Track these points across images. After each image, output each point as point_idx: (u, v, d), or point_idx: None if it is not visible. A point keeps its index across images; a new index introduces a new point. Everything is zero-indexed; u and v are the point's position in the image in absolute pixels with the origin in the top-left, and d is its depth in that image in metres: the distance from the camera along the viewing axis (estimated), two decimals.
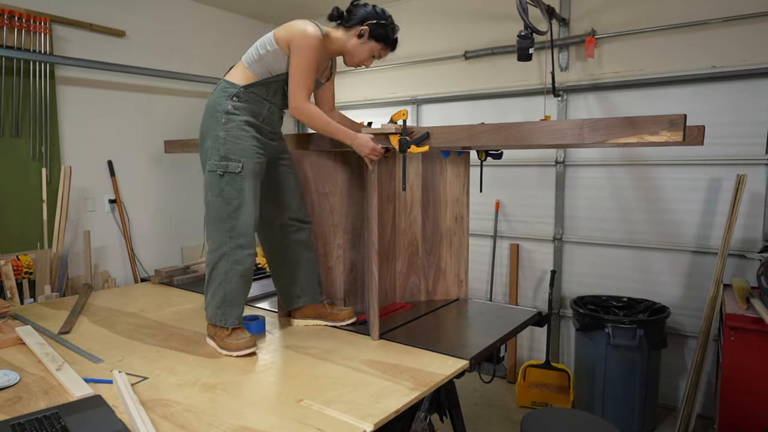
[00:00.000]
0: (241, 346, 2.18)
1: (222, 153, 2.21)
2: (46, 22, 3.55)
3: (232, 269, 2.23)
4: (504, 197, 4.37)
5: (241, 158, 2.21)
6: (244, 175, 2.21)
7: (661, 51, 3.61)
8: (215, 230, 2.24)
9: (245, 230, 2.22)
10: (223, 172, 2.20)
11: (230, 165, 2.20)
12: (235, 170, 2.20)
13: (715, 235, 3.53)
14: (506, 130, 2.00)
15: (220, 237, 2.23)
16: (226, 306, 2.24)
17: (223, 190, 2.21)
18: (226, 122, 2.22)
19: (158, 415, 1.66)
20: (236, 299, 2.26)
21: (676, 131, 1.65)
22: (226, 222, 2.21)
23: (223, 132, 2.22)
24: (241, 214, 2.21)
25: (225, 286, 2.23)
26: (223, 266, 2.23)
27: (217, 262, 2.23)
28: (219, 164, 2.21)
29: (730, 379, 2.87)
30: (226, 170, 2.20)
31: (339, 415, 1.64)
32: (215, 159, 2.22)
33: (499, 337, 2.35)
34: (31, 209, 3.62)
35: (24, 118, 3.56)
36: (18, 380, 1.92)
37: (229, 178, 2.20)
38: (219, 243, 2.23)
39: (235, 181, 2.20)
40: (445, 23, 4.51)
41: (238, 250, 2.22)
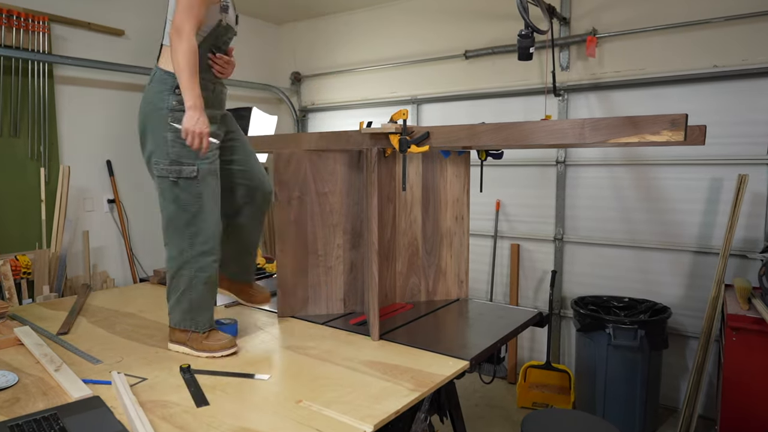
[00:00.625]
0: (225, 346, 2.13)
1: (172, 157, 1.99)
2: (45, 21, 3.55)
3: (195, 276, 2.10)
4: (504, 197, 4.36)
5: (194, 160, 2.00)
6: (201, 178, 2.02)
7: (663, 50, 3.60)
8: (174, 237, 2.09)
9: (208, 236, 2.08)
10: (177, 178, 2.00)
11: (184, 170, 1.99)
12: (191, 175, 2.00)
13: (716, 235, 3.52)
14: (507, 129, 2.00)
15: (180, 244, 2.08)
16: (195, 312, 2.14)
17: (179, 197, 2.02)
18: (173, 120, 1.99)
19: (157, 416, 1.65)
20: (204, 304, 2.16)
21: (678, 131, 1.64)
22: (185, 229, 2.06)
23: (170, 133, 1.99)
24: (201, 220, 2.05)
25: (190, 293, 2.12)
26: (186, 273, 2.10)
27: (180, 269, 2.10)
28: (170, 169, 2.00)
29: (732, 380, 2.86)
30: (179, 175, 1.99)
31: (339, 416, 1.63)
32: (164, 164, 2.01)
33: (499, 338, 2.34)
34: (30, 209, 3.60)
35: (22, 117, 3.55)
36: (16, 381, 1.90)
37: (183, 183, 2.01)
38: (180, 250, 2.09)
39: (192, 186, 2.02)
40: (445, 22, 4.50)
41: (201, 257, 2.09)
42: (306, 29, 5.39)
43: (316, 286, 2.71)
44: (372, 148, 2.32)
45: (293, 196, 2.61)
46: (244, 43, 5.17)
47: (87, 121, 3.94)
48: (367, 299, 2.49)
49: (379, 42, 4.90)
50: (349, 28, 5.08)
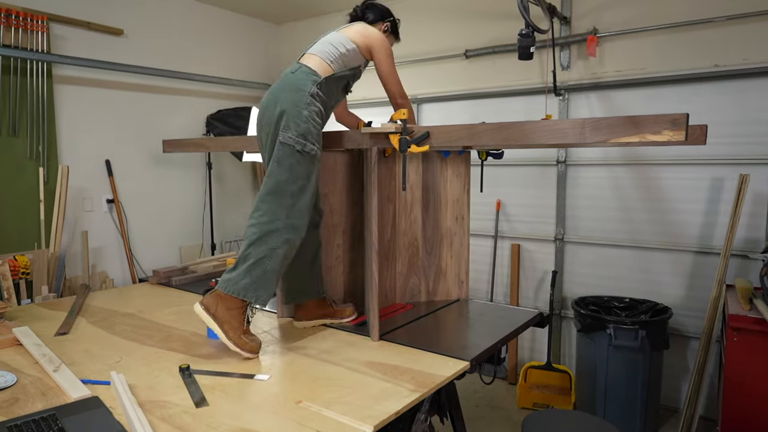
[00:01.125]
0: (254, 349, 2.12)
1: (302, 131, 2.16)
2: (44, 20, 3.54)
3: (281, 246, 2.11)
4: (505, 197, 4.35)
5: (316, 143, 2.20)
6: (317, 160, 2.21)
7: (663, 50, 3.59)
8: (273, 202, 2.13)
9: (303, 213, 2.17)
10: (301, 149, 2.15)
11: (308, 145, 2.16)
12: (311, 151, 2.18)
13: (717, 235, 3.51)
14: (507, 129, 1.99)
15: (277, 211, 2.12)
16: (263, 283, 2.11)
17: (294, 167, 2.14)
18: (310, 103, 2.20)
19: (156, 416, 1.65)
20: (274, 278, 2.14)
21: (679, 130, 1.63)
22: (287, 198, 2.13)
23: (306, 111, 2.19)
24: (303, 195, 2.16)
25: (268, 262, 2.10)
26: (271, 241, 2.10)
27: (266, 236, 2.10)
28: (297, 140, 2.14)
29: (733, 381, 2.85)
30: (303, 148, 2.15)
31: (338, 417, 1.63)
32: (294, 133, 2.15)
33: (500, 338, 2.33)
34: (29, 209, 3.60)
35: (21, 117, 3.54)
36: (15, 381, 1.90)
37: (303, 157, 2.16)
38: (274, 216, 2.11)
39: (309, 162, 2.18)
40: (445, 21, 4.49)
41: (291, 230, 2.14)
42: (306, 29, 5.38)
43: None
44: (372, 148, 2.31)
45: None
46: (244, 43, 5.18)
47: (86, 121, 3.94)
48: (367, 299, 2.48)
49: None
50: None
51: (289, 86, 2.24)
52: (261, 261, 2.10)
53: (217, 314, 2.09)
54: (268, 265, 2.11)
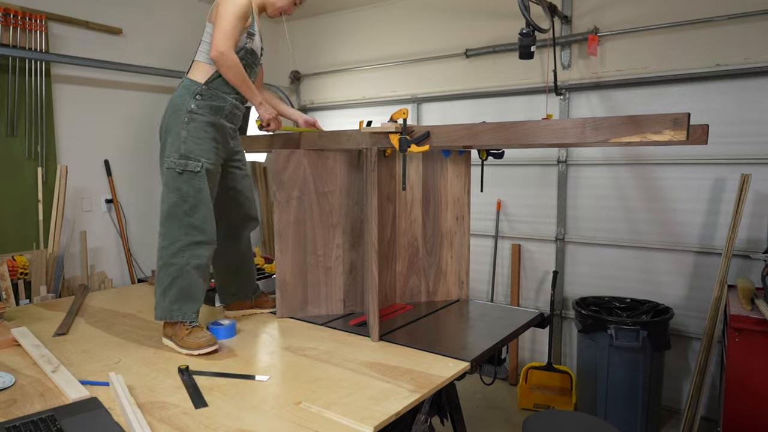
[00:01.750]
0: (202, 345, 2.18)
1: (182, 151, 2.25)
2: (42, 19, 3.53)
3: (188, 263, 2.24)
4: (505, 197, 4.34)
5: (200, 157, 2.26)
6: (203, 174, 2.27)
7: (664, 49, 3.58)
8: (171, 226, 2.26)
9: (203, 228, 2.27)
10: (182, 170, 2.24)
11: (189, 164, 2.24)
12: (195, 169, 2.25)
13: (719, 236, 3.50)
14: (508, 129, 1.99)
15: (175, 233, 2.25)
16: (183, 301, 2.25)
17: (181, 189, 2.24)
18: (188, 121, 2.27)
19: (155, 418, 1.65)
20: (193, 293, 2.27)
21: (680, 130, 1.63)
22: (182, 219, 2.24)
23: (184, 131, 2.26)
24: (197, 212, 2.26)
25: (180, 281, 2.24)
26: (178, 261, 2.24)
27: (172, 258, 2.24)
28: (178, 162, 2.24)
29: (735, 381, 2.85)
30: (185, 168, 2.24)
31: (338, 418, 1.63)
32: (174, 157, 2.25)
33: (500, 339, 2.33)
34: (27, 209, 3.59)
35: (20, 117, 3.54)
36: (13, 382, 1.90)
37: (187, 176, 2.25)
38: (174, 239, 2.25)
39: (194, 180, 2.25)
40: (445, 21, 4.48)
41: (195, 246, 2.26)
42: (305, 27, 5.38)
43: (316, 286, 2.70)
44: (372, 148, 2.31)
45: (292, 196, 2.61)
46: None
47: (85, 121, 3.92)
48: (367, 300, 2.48)
49: (379, 40, 4.88)
50: (349, 27, 5.07)
51: (171, 109, 2.33)
52: (174, 282, 2.24)
53: (167, 333, 2.28)
54: (181, 282, 2.24)
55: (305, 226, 2.66)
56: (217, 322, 2.43)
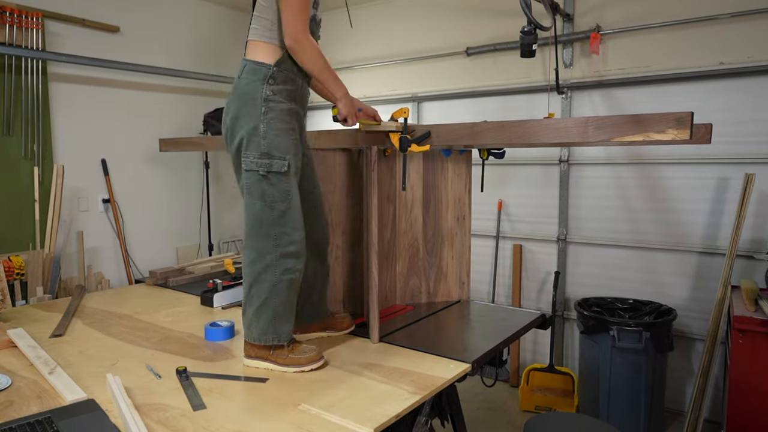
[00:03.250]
0: (314, 358, 2.00)
1: (263, 149, 1.91)
2: (38, 17, 3.51)
3: (280, 280, 1.97)
4: (507, 197, 4.32)
5: (286, 154, 1.94)
6: (291, 174, 1.96)
7: (668, 47, 3.56)
8: (257, 238, 1.96)
9: (294, 237, 1.97)
10: (267, 172, 1.92)
11: (274, 163, 1.92)
12: (281, 169, 1.93)
13: (722, 236, 3.49)
14: (509, 128, 1.98)
15: (263, 246, 1.95)
16: (278, 322, 2.00)
17: (266, 193, 1.93)
18: (266, 111, 1.92)
19: (153, 419, 1.63)
20: (287, 312, 2.02)
21: (683, 129, 1.63)
22: (271, 228, 1.95)
23: (263, 124, 1.92)
24: (288, 219, 1.96)
25: (274, 299, 1.97)
26: (269, 278, 1.96)
27: (261, 274, 1.96)
28: (260, 162, 1.91)
29: (738, 383, 2.84)
30: (269, 169, 1.92)
31: (338, 420, 1.61)
32: (254, 156, 1.92)
33: (501, 340, 2.31)
34: (23, 209, 3.58)
35: (16, 115, 3.52)
36: (9, 384, 1.89)
37: (273, 178, 1.93)
38: (262, 252, 1.96)
39: (281, 182, 1.94)
40: (446, 19, 4.47)
41: (286, 259, 1.96)
42: None
43: None
44: (372, 147, 2.29)
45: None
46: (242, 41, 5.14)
47: (81, 120, 3.91)
48: (367, 301, 2.46)
49: (380, 39, 4.86)
50: (349, 25, 5.05)
51: (240, 100, 1.96)
52: (267, 301, 1.98)
53: (259, 354, 2.04)
54: (275, 301, 1.98)
55: None
56: (215, 323, 2.41)
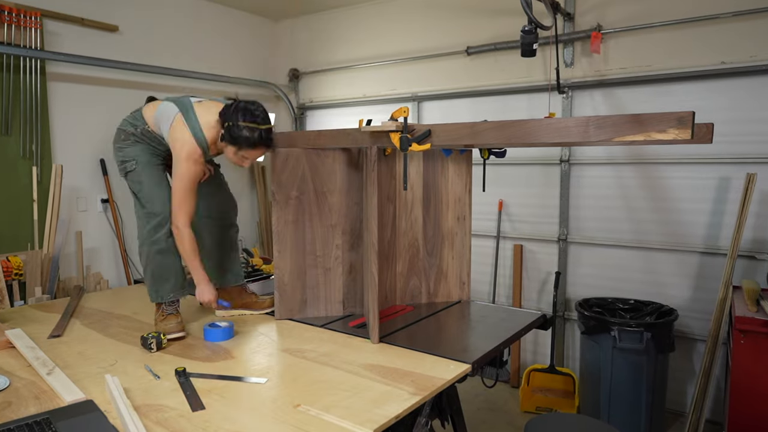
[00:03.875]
0: (168, 330, 2.33)
1: (119, 159, 2.55)
2: (37, 16, 3.51)
3: (150, 249, 2.49)
4: (507, 197, 4.31)
5: (134, 157, 2.51)
6: (140, 169, 2.50)
7: (669, 46, 3.56)
8: (138, 222, 2.55)
9: (155, 211, 2.47)
10: (125, 173, 2.53)
11: (127, 165, 2.52)
12: (132, 168, 2.51)
13: (724, 236, 3.48)
14: (509, 127, 1.96)
15: (140, 225, 2.53)
16: (156, 283, 2.49)
17: (130, 187, 2.55)
18: (125, 138, 2.54)
19: (152, 420, 1.63)
20: (163, 273, 2.50)
21: (684, 129, 1.60)
22: (139, 211, 2.53)
23: (119, 144, 2.56)
24: (146, 200, 2.49)
25: (150, 266, 2.50)
26: (145, 250, 2.50)
27: (141, 247, 2.52)
28: (120, 168, 2.55)
29: (740, 384, 2.83)
30: (126, 170, 2.52)
31: (338, 421, 1.61)
32: (118, 167, 2.57)
33: (502, 341, 2.31)
34: (22, 209, 3.57)
35: (14, 115, 3.52)
36: (8, 385, 1.88)
37: (130, 175, 2.52)
38: (140, 231, 2.53)
39: (134, 175, 2.51)
40: (446, 18, 4.46)
41: (153, 232, 2.47)
42: (304, 25, 5.35)
43: (315, 287, 2.68)
44: (372, 147, 2.28)
45: (291, 196, 2.59)
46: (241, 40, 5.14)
47: (80, 119, 3.90)
48: (367, 301, 2.45)
49: (379, 38, 4.86)
50: (349, 24, 5.04)
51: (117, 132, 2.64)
52: (147, 268, 2.52)
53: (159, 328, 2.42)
54: (152, 267, 2.50)
55: (304, 227, 2.63)
56: (214, 324, 2.41)
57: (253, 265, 3.64)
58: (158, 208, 2.48)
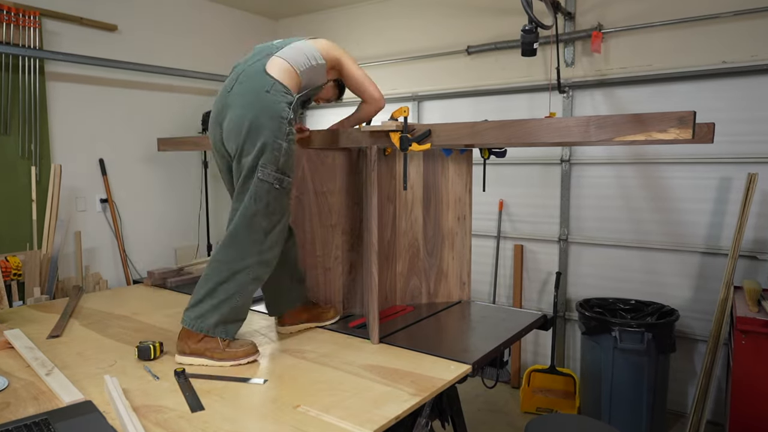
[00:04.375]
0: (250, 351, 2.07)
1: (280, 165, 2.06)
2: (36, 15, 3.51)
3: (250, 284, 2.09)
4: (508, 196, 4.30)
5: (291, 175, 2.13)
6: (290, 192, 2.17)
7: (670, 46, 3.55)
8: (245, 239, 2.06)
9: (275, 248, 2.13)
10: (279, 186, 2.07)
11: (285, 180, 2.08)
12: (288, 186, 2.12)
13: (725, 236, 3.47)
14: (510, 127, 1.97)
15: (249, 248, 2.07)
16: (232, 321, 2.10)
17: (270, 204, 2.06)
18: (289, 133, 2.07)
19: (151, 421, 1.62)
20: (242, 314, 2.14)
21: (685, 128, 1.62)
22: (260, 235, 2.07)
23: (285, 143, 2.06)
24: (276, 231, 2.11)
25: (238, 299, 2.07)
26: (242, 279, 2.07)
27: (236, 274, 2.06)
28: (275, 176, 2.05)
29: (741, 384, 2.82)
30: (281, 185, 2.07)
31: (338, 422, 1.60)
32: (271, 169, 2.05)
33: (502, 341, 2.30)
34: (21, 209, 3.57)
35: (13, 115, 3.51)
36: (6, 385, 1.88)
37: (280, 192, 2.08)
38: (244, 254, 2.06)
39: (284, 197, 2.11)
40: (447, 17, 4.45)
41: (262, 267, 2.11)
42: (304, 24, 5.35)
43: (315, 287, 2.67)
44: (372, 147, 2.28)
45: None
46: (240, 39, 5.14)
47: (79, 119, 3.90)
48: (367, 301, 2.44)
49: (379, 37, 4.85)
50: (348, 24, 5.04)
51: (267, 112, 2.05)
52: (230, 299, 2.06)
53: (195, 350, 2.07)
54: (237, 302, 2.08)
55: (304, 227, 2.63)
56: None
57: None
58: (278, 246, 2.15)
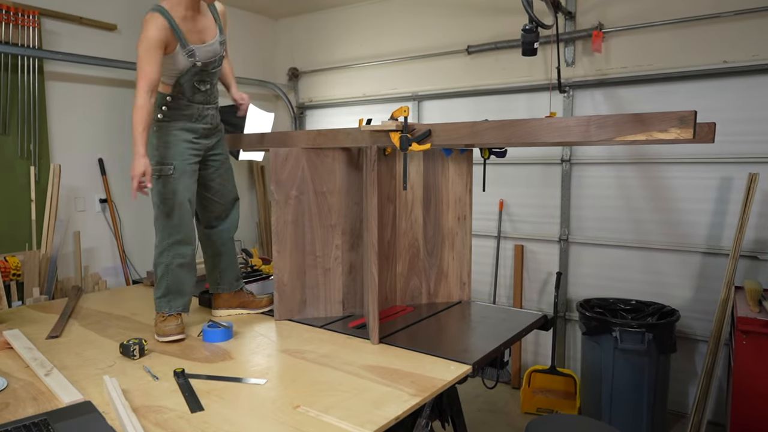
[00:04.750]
0: (167, 332, 2.33)
1: (156, 158, 2.39)
2: (35, 15, 3.50)
3: (172, 262, 2.45)
4: (508, 196, 4.30)
5: (172, 161, 2.41)
6: (177, 176, 2.41)
7: (671, 45, 3.55)
8: (157, 229, 2.46)
9: (182, 227, 2.44)
10: (159, 175, 2.38)
11: (163, 168, 2.39)
12: (168, 172, 2.39)
13: (726, 236, 3.46)
14: (510, 127, 1.97)
15: (161, 234, 2.45)
16: (171, 296, 2.45)
17: (161, 192, 2.40)
18: (157, 129, 2.41)
19: (150, 421, 1.63)
20: (180, 289, 2.47)
21: (686, 128, 1.62)
22: (164, 220, 2.43)
23: (155, 139, 2.40)
24: (175, 213, 2.42)
25: (167, 277, 2.45)
26: (164, 260, 2.45)
27: (159, 257, 2.46)
28: (155, 168, 2.37)
29: (742, 385, 2.82)
30: (160, 173, 2.38)
31: (337, 422, 1.61)
32: (153, 164, 2.37)
33: (502, 342, 2.31)
34: (20, 209, 3.56)
35: (12, 114, 3.51)
36: (5, 386, 1.88)
37: (164, 180, 2.39)
38: (160, 239, 2.45)
39: (169, 183, 2.40)
40: (447, 17, 4.45)
41: (177, 246, 2.45)
42: (304, 24, 5.34)
43: (314, 288, 2.67)
44: (372, 146, 2.28)
45: (291, 196, 2.58)
46: (240, 38, 5.13)
47: (78, 119, 3.89)
48: (367, 301, 2.44)
49: (379, 37, 4.84)
50: (349, 23, 5.03)
51: None
52: (162, 278, 2.46)
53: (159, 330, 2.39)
54: (169, 279, 2.45)
55: (304, 227, 2.62)
56: (214, 324, 2.40)
57: (253, 265, 3.63)
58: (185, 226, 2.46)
